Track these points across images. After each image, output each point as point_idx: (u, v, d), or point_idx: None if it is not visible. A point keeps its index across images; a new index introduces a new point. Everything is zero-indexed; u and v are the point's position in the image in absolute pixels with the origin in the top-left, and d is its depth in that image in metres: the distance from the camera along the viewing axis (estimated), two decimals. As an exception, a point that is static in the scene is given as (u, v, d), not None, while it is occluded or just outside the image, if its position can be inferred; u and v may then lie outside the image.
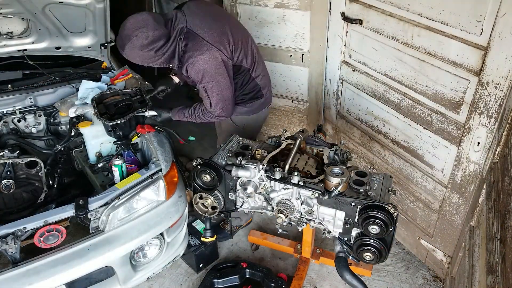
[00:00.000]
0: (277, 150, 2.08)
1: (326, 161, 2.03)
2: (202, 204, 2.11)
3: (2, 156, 2.52)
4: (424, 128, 2.33)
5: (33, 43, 2.77)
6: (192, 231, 2.83)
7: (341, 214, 1.86)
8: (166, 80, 2.67)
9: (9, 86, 2.78)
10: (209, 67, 2.22)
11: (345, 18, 2.56)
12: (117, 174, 2.37)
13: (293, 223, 2.04)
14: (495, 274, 1.41)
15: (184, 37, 2.26)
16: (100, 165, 2.56)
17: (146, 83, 2.88)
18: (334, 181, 1.77)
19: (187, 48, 2.24)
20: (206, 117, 2.44)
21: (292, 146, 2.04)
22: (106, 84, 2.83)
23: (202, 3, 2.45)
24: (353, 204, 1.79)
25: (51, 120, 2.88)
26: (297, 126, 3.37)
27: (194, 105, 2.48)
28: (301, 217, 1.99)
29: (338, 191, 1.76)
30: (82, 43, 2.91)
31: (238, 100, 2.51)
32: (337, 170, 1.82)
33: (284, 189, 1.94)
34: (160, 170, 2.30)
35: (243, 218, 3.05)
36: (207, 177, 2.00)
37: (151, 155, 2.41)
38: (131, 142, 2.57)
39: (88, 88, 2.77)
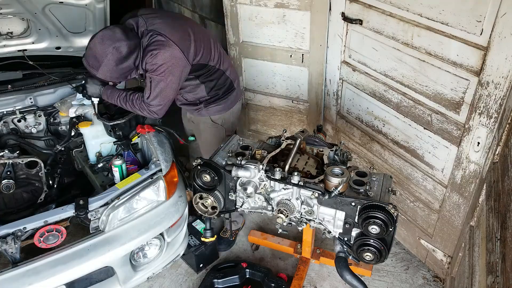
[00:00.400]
0: (277, 150, 2.08)
1: (326, 161, 2.03)
2: (202, 204, 2.11)
3: (2, 156, 2.52)
4: (424, 128, 2.33)
5: (33, 43, 2.78)
6: (192, 231, 2.83)
7: (341, 214, 1.86)
8: None
9: (9, 86, 2.78)
10: (166, 64, 2.18)
11: (345, 18, 2.56)
12: (117, 174, 2.37)
13: (293, 223, 2.04)
14: (495, 274, 1.41)
15: (148, 37, 2.21)
16: (100, 165, 2.56)
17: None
18: (334, 181, 1.77)
19: (149, 44, 2.20)
20: (137, 107, 2.32)
21: (292, 146, 2.04)
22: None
23: (155, 9, 2.47)
24: (353, 204, 1.79)
25: (51, 120, 2.88)
26: (297, 126, 3.37)
27: (132, 91, 2.38)
28: (301, 217, 1.99)
29: (338, 191, 1.76)
30: (82, 43, 2.92)
31: (213, 98, 2.51)
32: (337, 170, 1.82)
33: (284, 189, 1.94)
34: (160, 170, 2.31)
35: (239, 221, 3.06)
36: (207, 177, 2.00)
37: (151, 155, 2.41)
38: (131, 142, 2.58)
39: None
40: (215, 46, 2.46)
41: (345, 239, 1.93)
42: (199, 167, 1.99)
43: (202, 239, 2.45)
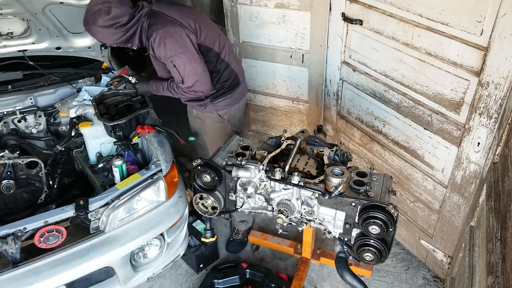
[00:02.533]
0: (278, 151, 2.08)
1: (326, 161, 2.03)
2: (203, 204, 2.11)
3: (3, 156, 2.52)
4: (424, 128, 2.33)
5: (33, 43, 2.78)
6: (192, 232, 2.83)
7: (341, 215, 1.85)
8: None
9: (10, 86, 2.78)
10: (173, 39, 2.22)
11: (345, 18, 2.56)
12: (117, 175, 2.37)
13: (293, 223, 2.04)
14: (495, 275, 1.41)
15: (148, 16, 2.29)
16: (100, 165, 2.56)
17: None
18: (334, 181, 1.77)
19: (151, 25, 2.27)
20: (181, 92, 2.38)
21: (292, 147, 2.04)
22: (107, 85, 2.83)
23: (168, 2, 2.51)
24: (353, 204, 1.79)
25: (52, 120, 2.88)
26: (297, 127, 3.37)
27: (170, 80, 2.44)
28: (301, 218, 1.99)
29: (339, 191, 1.76)
30: (82, 44, 2.92)
31: (219, 92, 2.50)
32: (337, 170, 1.81)
33: (285, 189, 1.94)
34: (161, 171, 2.30)
35: (249, 220, 3.02)
36: (207, 178, 2.00)
37: (152, 156, 2.41)
38: (132, 143, 2.57)
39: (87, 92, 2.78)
40: (220, 36, 2.48)
41: (345, 239, 1.93)
42: (199, 167, 1.99)
43: (202, 239, 2.45)
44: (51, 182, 2.65)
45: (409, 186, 2.63)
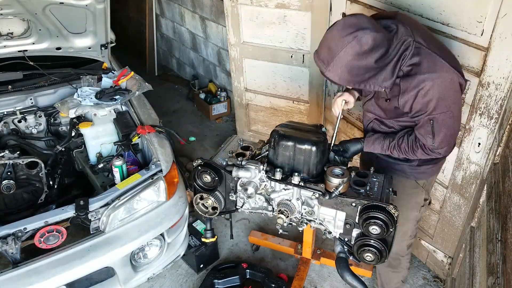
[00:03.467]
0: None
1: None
2: (203, 204, 2.11)
3: (3, 156, 2.52)
4: (425, 128, 2.33)
5: (33, 43, 2.78)
6: (192, 232, 2.83)
7: (341, 215, 1.85)
8: None
9: (10, 86, 2.78)
10: (447, 94, 1.64)
11: (346, 18, 2.56)
12: (117, 175, 2.37)
13: (293, 223, 2.04)
14: (495, 275, 1.41)
15: (413, 53, 1.63)
16: (100, 165, 2.56)
17: (147, 84, 2.88)
18: (335, 181, 1.77)
19: (420, 67, 1.63)
20: (417, 154, 1.84)
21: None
22: (111, 86, 2.82)
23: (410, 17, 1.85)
24: (353, 204, 1.79)
25: (52, 120, 2.88)
26: (298, 127, 3.37)
27: (399, 135, 1.88)
28: (302, 218, 1.99)
29: (339, 191, 1.76)
30: (82, 44, 2.92)
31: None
32: (337, 170, 1.81)
33: (285, 189, 1.94)
34: (161, 171, 2.31)
35: None
36: (207, 178, 2.00)
37: (152, 156, 2.41)
38: (132, 143, 2.57)
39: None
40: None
41: (346, 239, 1.93)
42: (199, 167, 1.99)
43: (203, 239, 2.44)
44: (51, 182, 2.65)
45: (409, 186, 2.62)
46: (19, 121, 2.78)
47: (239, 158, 1.97)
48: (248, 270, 2.67)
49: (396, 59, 1.63)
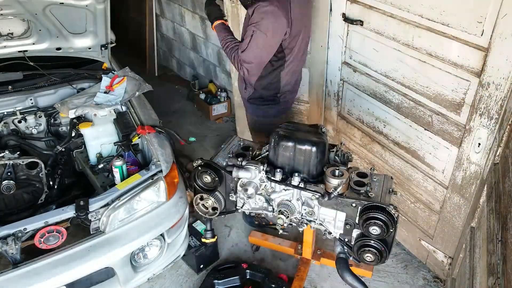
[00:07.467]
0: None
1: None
2: (203, 205, 2.11)
3: (3, 157, 2.53)
4: (425, 129, 2.33)
5: (33, 44, 2.78)
6: (192, 232, 2.83)
7: (341, 215, 1.85)
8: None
9: (10, 87, 2.79)
10: (272, 20, 2.20)
11: (346, 19, 2.56)
12: (117, 175, 2.37)
13: (293, 224, 2.04)
14: (496, 276, 1.41)
15: None
16: (100, 166, 2.56)
17: (147, 84, 2.88)
18: (334, 182, 1.77)
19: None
20: (232, 56, 2.36)
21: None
22: (106, 92, 2.83)
23: None
24: (353, 205, 1.79)
25: (52, 121, 2.88)
26: (298, 127, 3.36)
27: (237, 40, 2.42)
28: (302, 218, 1.99)
29: (338, 192, 1.76)
30: (82, 44, 2.92)
31: (256, 95, 2.53)
32: (336, 171, 1.82)
33: (285, 190, 1.94)
34: (161, 171, 2.31)
35: None
36: (207, 178, 2.00)
37: (152, 156, 2.41)
38: (132, 143, 2.58)
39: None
40: (301, 57, 2.56)
41: (346, 240, 1.93)
42: (199, 168, 1.99)
43: (203, 240, 2.45)
44: (51, 183, 2.65)
45: (409, 186, 2.63)
46: (19, 122, 2.79)
47: (239, 159, 1.97)
48: (248, 271, 2.67)
49: None
